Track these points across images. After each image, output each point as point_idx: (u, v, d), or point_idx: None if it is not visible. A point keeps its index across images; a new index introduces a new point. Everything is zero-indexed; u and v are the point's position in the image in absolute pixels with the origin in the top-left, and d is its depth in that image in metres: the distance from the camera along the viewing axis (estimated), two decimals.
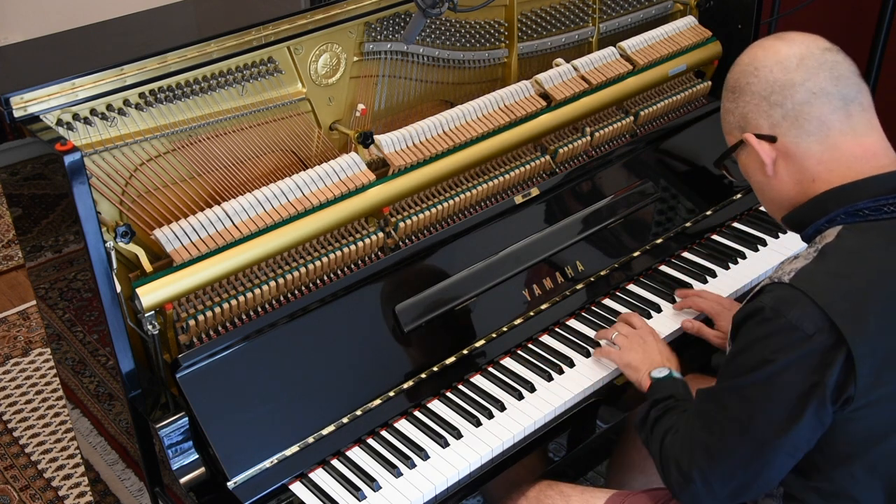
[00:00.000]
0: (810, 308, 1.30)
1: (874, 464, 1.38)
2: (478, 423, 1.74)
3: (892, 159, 1.42)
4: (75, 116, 1.59)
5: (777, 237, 2.22)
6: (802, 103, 1.40)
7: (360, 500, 1.60)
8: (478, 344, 1.89)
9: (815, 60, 1.41)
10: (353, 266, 1.84)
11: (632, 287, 2.08)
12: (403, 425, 1.75)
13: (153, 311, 1.60)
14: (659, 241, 2.18)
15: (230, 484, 1.59)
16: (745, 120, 1.46)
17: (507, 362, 1.89)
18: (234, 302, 1.69)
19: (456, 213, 1.99)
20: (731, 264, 2.14)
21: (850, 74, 1.42)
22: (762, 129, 1.44)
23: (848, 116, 1.40)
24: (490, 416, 1.76)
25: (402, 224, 1.89)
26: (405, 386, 1.79)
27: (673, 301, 2.02)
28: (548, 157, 2.12)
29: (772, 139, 1.43)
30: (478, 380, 1.85)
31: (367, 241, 1.84)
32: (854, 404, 1.32)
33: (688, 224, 2.23)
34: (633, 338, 1.81)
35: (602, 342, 1.88)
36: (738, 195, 2.32)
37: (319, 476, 1.65)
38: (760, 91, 1.43)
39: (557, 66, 2.18)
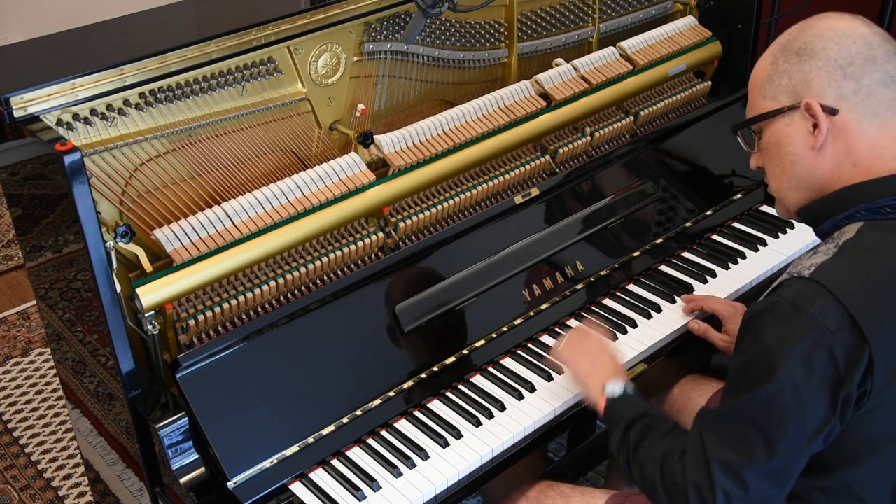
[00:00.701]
0: (831, 303, 1.28)
1: (884, 464, 1.37)
2: (478, 423, 1.74)
3: None
4: (75, 116, 1.59)
5: (777, 237, 2.22)
6: (879, 83, 1.35)
7: (360, 500, 1.60)
8: (478, 344, 1.89)
9: (892, 45, 1.38)
10: (353, 266, 1.84)
11: (632, 287, 2.08)
12: (403, 425, 1.75)
13: (153, 311, 1.60)
14: (659, 241, 2.18)
15: (230, 484, 1.59)
16: (807, 85, 1.38)
17: (507, 362, 1.89)
18: (234, 302, 1.69)
19: (456, 213, 1.99)
20: (731, 264, 2.14)
21: None
22: (826, 98, 1.37)
23: None
24: (490, 416, 1.76)
25: (402, 224, 1.89)
26: (405, 386, 1.79)
27: (673, 301, 2.02)
28: (548, 157, 2.12)
29: (833, 112, 1.37)
30: (478, 380, 1.85)
31: (367, 241, 1.84)
32: (868, 403, 1.30)
33: (688, 224, 2.23)
34: (580, 346, 1.72)
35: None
36: (739, 195, 2.32)
37: (319, 476, 1.65)
38: (838, 59, 1.36)
39: (557, 66, 2.18)
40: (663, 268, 2.14)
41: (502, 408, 1.77)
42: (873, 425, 1.34)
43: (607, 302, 2.04)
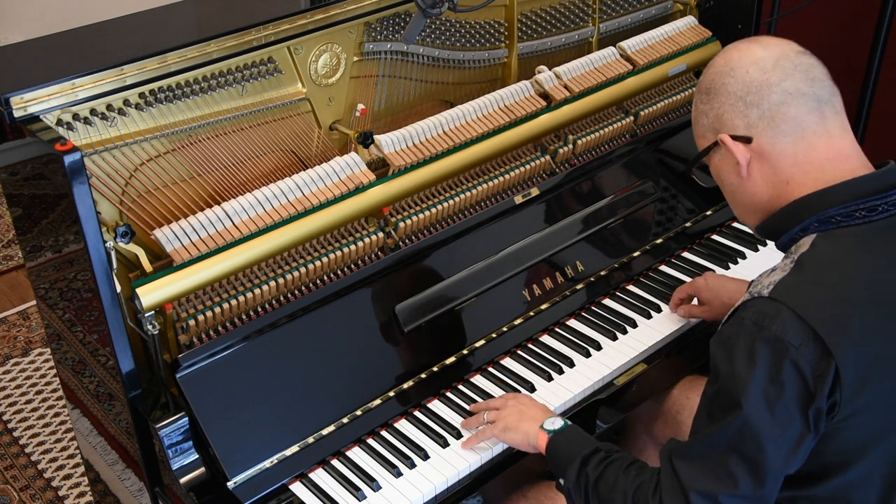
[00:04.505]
0: (792, 320, 1.29)
1: (866, 474, 1.37)
2: None
3: (863, 162, 1.42)
4: (75, 116, 1.59)
5: None
6: (779, 103, 1.39)
7: (360, 500, 1.60)
8: (478, 344, 1.89)
9: (790, 62, 1.41)
10: (353, 266, 1.84)
11: (632, 287, 2.08)
12: (403, 425, 1.75)
13: (153, 311, 1.60)
14: (659, 241, 2.18)
15: (230, 484, 1.59)
16: (720, 121, 1.45)
17: (507, 362, 1.89)
18: (234, 302, 1.69)
19: (456, 213, 1.99)
20: (731, 264, 2.14)
21: (824, 77, 1.42)
22: (738, 129, 1.43)
23: (822, 118, 1.40)
24: None
25: (402, 224, 1.89)
26: (405, 386, 1.79)
27: None
28: (548, 157, 2.12)
29: (747, 140, 1.42)
30: (478, 380, 1.85)
31: (367, 241, 1.84)
32: (840, 413, 1.30)
33: (688, 224, 2.23)
34: (503, 406, 1.69)
35: (469, 431, 1.73)
36: None
37: (319, 476, 1.66)
38: (737, 91, 1.42)
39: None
40: (663, 268, 2.14)
41: None
42: (850, 434, 1.34)
43: (607, 302, 2.04)
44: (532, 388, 1.81)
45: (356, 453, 1.70)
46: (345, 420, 1.72)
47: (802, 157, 1.40)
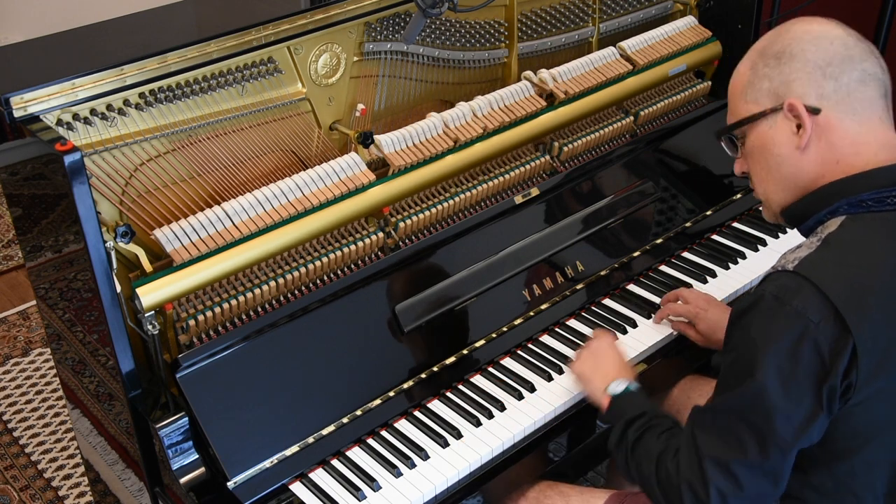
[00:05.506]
0: (814, 295, 1.29)
1: (874, 459, 1.38)
2: (478, 423, 1.74)
3: None
4: (75, 116, 1.59)
5: (777, 237, 2.22)
6: (857, 81, 1.37)
7: (360, 500, 1.60)
8: (478, 344, 1.89)
9: (866, 45, 1.40)
10: (353, 266, 1.84)
11: (632, 287, 2.08)
12: (403, 425, 1.75)
13: (153, 311, 1.60)
14: (659, 241, 2.18)
15: (230, 484, 1.59)
16: (788, 87, 1.40)
17: (507, 362, 1.89)
18: (234, 302, 1.69)
19: (456, 213, 1.99)
20: (731, 264, 2.14)
21: (885, 66, 1.42)
22: (808, 98, 1.38)
23: (888, 105, 1.40)
24: (490, 416, 1.76)
25: (402, 224, 1.89)
26: (405, 386, 1.79)
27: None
28: (548, 157, 2.12)
29: (815, 111, 1.38)
30: (478, 380, 1.85)
31: (367, 241, 1.84)
32: (854, 396, 1.31)
33: (688, 224, 2.23)
34: (586, 350, 1.76)
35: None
36: (738, 195, 2.32)
37: (319, 476, 1.65)
38: (817, 60, 1.38)
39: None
40: (663, 268, 2.14)
41: (502, 408, 1.77)
42: (861, 418, 1.35)
43: (607, 302, 2.04)
44: (532, 388, 1.81)
45: (356, 453, 1.70)
46: (345, 420, 1.72)
47: (862, 139, 1.39)
